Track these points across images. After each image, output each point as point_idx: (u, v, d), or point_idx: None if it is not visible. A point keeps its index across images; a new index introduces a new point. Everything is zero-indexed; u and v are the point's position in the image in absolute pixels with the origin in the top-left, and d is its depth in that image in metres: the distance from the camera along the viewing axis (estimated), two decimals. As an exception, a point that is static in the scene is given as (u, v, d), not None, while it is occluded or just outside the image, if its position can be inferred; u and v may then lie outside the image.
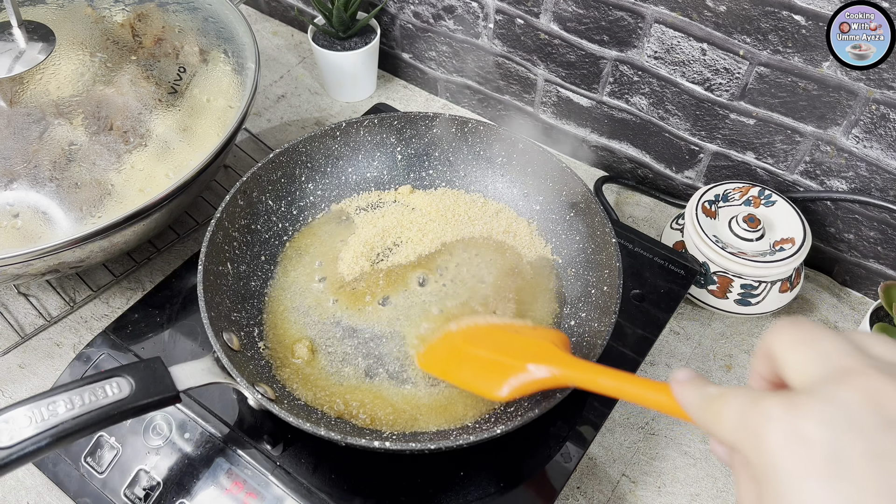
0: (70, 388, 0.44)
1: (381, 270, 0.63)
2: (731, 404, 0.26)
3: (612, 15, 0.68)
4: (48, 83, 0.61)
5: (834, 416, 0.23)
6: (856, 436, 0.22)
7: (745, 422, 0.25)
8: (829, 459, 0.22)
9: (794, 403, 0.24)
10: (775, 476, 0.23)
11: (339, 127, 0.67)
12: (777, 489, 0.23)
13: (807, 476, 0.22)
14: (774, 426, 0.23)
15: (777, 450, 0.23)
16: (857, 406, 0.23)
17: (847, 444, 0.22)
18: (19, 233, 0.56)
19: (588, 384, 0.44)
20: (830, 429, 0.22)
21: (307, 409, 0.54)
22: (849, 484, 0.21)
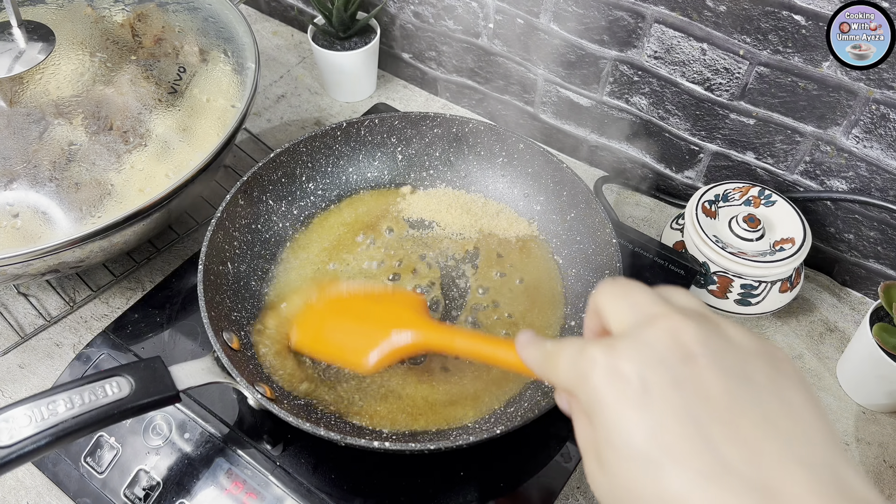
0: (70, 388, 0.44)
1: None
2: (564, 354, 0.30)
3: (612, 15, 0.68)
4: (48, 83, 0.61)
5: (643, 353, 0.26)
6: (661, 369, 0.26)
7: (575, 367, 0.28)
8: (640, 390, 0.26)
9: (612, 346, 0.27)
10: (600, 409, 0.27)
11: (340, 127, 0.67)
12: (603, 420, 0.26)
13: (624, 406, 0.26)
14: (597, 367, 0.27)
15: (600, 386, 0.27)
16: (661, 343, 0.26)
17: (654, 376, 0.26)
18: (19, 233, 0.56)
19: (446, 347, 0.46)
20: (640, 364, 0.26)
21: (307, 409, 0.54)
22: (657, 410, 0.25)
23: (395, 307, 0.52)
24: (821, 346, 0.68)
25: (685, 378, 0.25)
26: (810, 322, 0.69)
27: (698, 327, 0.27)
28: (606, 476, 0.27)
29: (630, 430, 0.25)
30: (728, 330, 0.27)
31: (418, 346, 0.48)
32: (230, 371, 0.49)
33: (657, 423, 0.25)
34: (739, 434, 0.24)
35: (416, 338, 0.48)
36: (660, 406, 0.25)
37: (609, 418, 0.26)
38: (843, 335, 0.68)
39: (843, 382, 0.64)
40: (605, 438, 0.27)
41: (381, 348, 0.48)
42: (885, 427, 0.62)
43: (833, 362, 0.66)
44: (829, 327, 0.69)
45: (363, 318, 0.53)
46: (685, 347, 0.26)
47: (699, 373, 0.25)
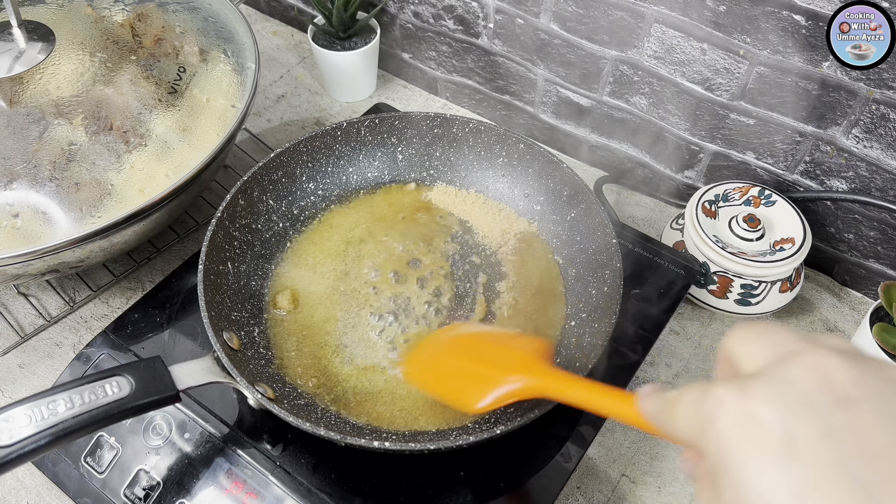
0: (70, 388, 0.44)
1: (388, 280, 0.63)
2: (685, 399, 0.25)
3: (612, 15, 0.68)
4: (48, 83, 0.61)
5: (784, 395, 0.22)
6: (807, 414, 0.21)
7: (698, 411, 0.24)
8: (782, 440, 0.21)
9: (743, 386, 0.23)
10: (729, 462, 0.22)
11: (341, 126, 0.67)
12: (732, 477, 0.22)
13: (761, 458, 0.21)
14: (725, 410, 0.23)
15: (729, 433, 0.22)
16: (806, 383, 0.22)
17: (799, 424, 0.21)
18: (19, 233, 0.56)
19: (562, 396, 0.44)
20: (781, 408, 0.22)
21: (307, 409, 0.54)
22: (804, 464, 0.20)
23: (514, 350, 0.50)
24: (821, 346, 0.67)
25: (841, 426, 0.21)
26: (810, 322, 0.69)
27: (854, 366, 0.22)
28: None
29: (769, 491, 0.21)
30: (891, 371, 0.22)
31: (531, 392, 0.46)
32: (230, 371, 0.49)
33: (805, 482, 0.20)
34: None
35: (529, 384, 0.46)
36: (809, 460, 0.20)
37: (740, 474, 0.22)
38: (843, 335, 0.68)
39: (843, 382, 0.64)
40: (733, 500, 0.22)
41: (494, 392, 0.47)
42: (885, 427, 0.62)
43: (833, 362, 0.66)
44: (829, 327, 0.69)
45: (481, 357, 0.51)
46: (839, 389, 0.21)
47: (860, 420, 0.21)
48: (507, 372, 0.48)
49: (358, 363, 0.57)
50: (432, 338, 0.56)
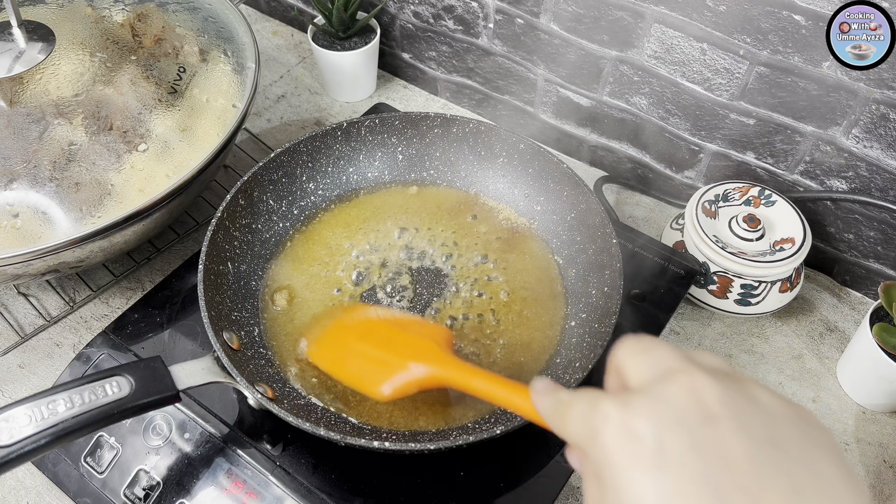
0: (70, 387, 0.44)
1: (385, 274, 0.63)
2: (576, 407, 0.28)
3: (612, 15, 0.68)
4: (48, 83, 0.61)
5: (660, 412, 0.24)
6: (679, 430, 0.24)
7: (586, 422, 0.26)
8: (655, 453, 0.23)
9: (626, 402, 0.25)
10: (611, 471, 0.24)
11: (341, 127, 0.67)
12: (613, 483, 0.24)
13: (637, 469, 0.24)
14: (609, 424, 0.25)
15: (612, 446, 0.25)
16: (680, 401, 0.24)
17: (671, 439, 0.24)
18: (19, 233, 0.56)
19: (462, 385, 0.45)
20: (656, 424, 0.24)
21: (307, 409, 0.54)
22: (673, 476, 0.23)
23: (418, 337, 0.51)
24: (821, 346, 0.68)
25: (705, 441, 0.23)
26: (810, 322, 0.69)
27: (722, 386, 0.25)
28: None
29: (641, 496, 0.23)
30: (755, 391, 0.25)
31: (435, 381, 0.47)
32: (230, 371, 0.49)
33: (672, 489, 0.23)
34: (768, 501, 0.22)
35: (433, 373, 0.47)
36: (676, 471, 0.23)
37: (619, 481, 0.24)
38: (843, 335, 0.68)
39: (843, 382, 0.64)
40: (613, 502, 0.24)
41: (396, 379, 0.48)
42: (885, 427, 0.62)
43: (833, 362, 0.66)
44: (829, 327, 0.69)
45: (384, 344, 0.52)
46: (706, 407, 0.24)
47: (721, 436, 0.23)
48: (410, 358, 0.48)
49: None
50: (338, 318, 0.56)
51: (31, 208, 0.57)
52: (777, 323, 0.69)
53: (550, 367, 0.57)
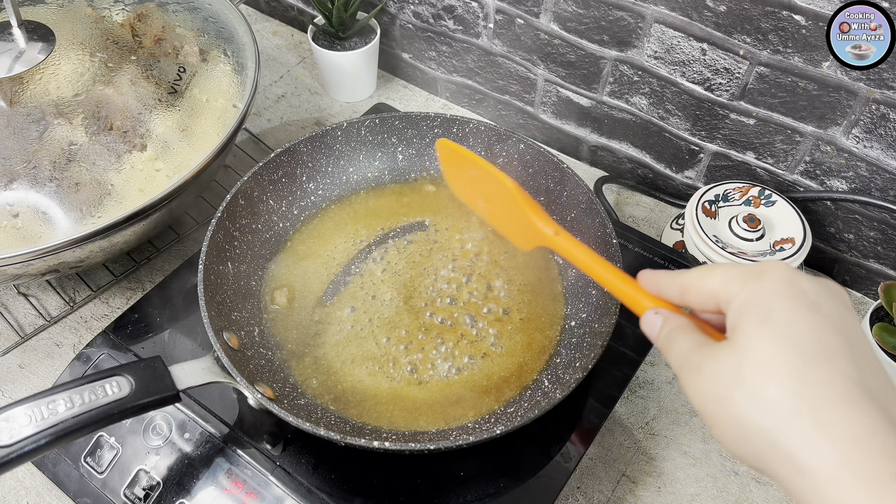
0: (70, 387, 0.44)
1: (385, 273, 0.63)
2: (724, 265, 0.34)
3: (612, 15, 0.68)
4: (48, 83, 0.61)
5: (819, 286, 0.31)
6: (830, 299, 0.31)
7: (746, 271, 0.32)
8: (813, 303, 0.30)
9: (793, 270, 0.32)
10: (769, 298, 0.30)
11: (341, 127, 0.67)
12: (765, 304, 0.30)
13: (797, 304, 0.30)
14: (780, 272, 0.31)
15: (778, 284, 0.31)
16: (832, 287, 0.31)
17: (825, 301, 0.30)
18: (19, 233, 0.56)
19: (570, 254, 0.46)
20: (817, 290, 0.31)
21: (307, 409, 0.54)
22: (823, 318, 0.29)
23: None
24: (821, 346, 0.67)
25: (845, 316, 0.30)
26: (810, 322, 0.69)
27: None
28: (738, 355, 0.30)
29: (797, 321, 0.29)
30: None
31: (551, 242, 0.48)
32: (230, 371, 0.49)
33: (821, 327, 0.29)
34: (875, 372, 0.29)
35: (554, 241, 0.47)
36: (826, 319, 0.29)
37: (779, 305, 0.30)
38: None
39: (843, 382, 0.64)
40: (762, 318, 0.30)
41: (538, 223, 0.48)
42: (885, 427, 0.62)
43: (833, 362, 0.66)
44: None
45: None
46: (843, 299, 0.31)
47: (852, 319, 0.31)
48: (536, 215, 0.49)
49: (358, 363, 0.57)
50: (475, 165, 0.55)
51: (31, 208, 0.57)
52: (777, 323, 0.69)
53: (550, 366, 0.57)
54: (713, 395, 0.30)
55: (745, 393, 0.29)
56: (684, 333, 0.34)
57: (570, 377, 0.53)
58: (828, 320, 0.29)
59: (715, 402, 0.30)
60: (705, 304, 0.34)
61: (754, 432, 0.28)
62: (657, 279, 0.37)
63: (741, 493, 0.58)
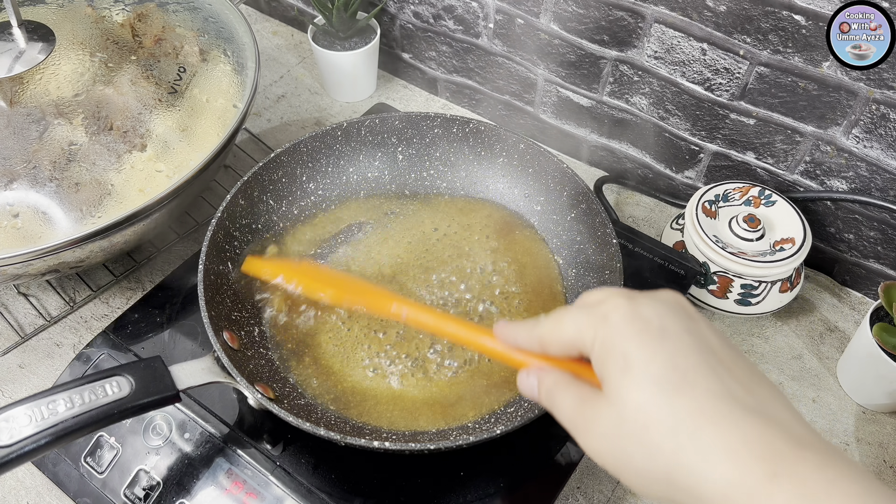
0: (70, 387, 0.44)
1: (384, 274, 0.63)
2: (573, 310, 0.33)
3: (612, 15, 0.68)
4: (48, 83, 0.61)
5: (659, 306, 0.31)
6: (674, 318, 0.31)
7: (591, 315, 0.32)
8: (659, 329, 0.30)
9: (632, 298, 0.32)
10: (619, 343, 0.30)
11: (341, 127, 0.67)
12: (622, 352, 0.30)
13: (646, 339, 0.30)
14: (621, 310, 0.31)
15: (622, 324, 0.31)
16: (672, 302, 0.32)
17: (669, 322, 0.31)
18: (19, 233, 0.56)
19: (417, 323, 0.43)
20: (659, 313, 0.31)
21: (307, 409, 0.54)
22: (674, 344, 0.30)
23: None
24: (821, 346, 0.68)
25: (692, 329, 0.31)
26: (810, 322, 0.69)
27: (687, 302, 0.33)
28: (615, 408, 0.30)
29: (651, 357, 0.29)
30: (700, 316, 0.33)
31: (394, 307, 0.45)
32: (230, 371, 0.49)
33: (674, 353, 0.29)
34: (736, 375, 0.29)
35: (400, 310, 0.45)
36: (675, 342, 0.30)
37: (630, 348, 0.30)
38: (843, 335, 0.68)
39: (843, 382, 0.64)
40: (622, 367, 0.30)
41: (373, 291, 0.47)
42: (885, 427, 0.62)
43: (833, 362, 0.66)
44: (829, 327, 0.69)
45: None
46: (687, 310, 0.32)
47: (701, 328, 0.31)
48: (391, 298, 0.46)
49: (358, 363, 0.57)
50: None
51: (31, 208, 0.57)
52: (777, 323, 0.69)
53: (550, 367, 0.57)
54: (608, 451, 0.31)
55: (633, 444, 0.29)
56: (564, 390, 0.33)
57: (570, 377, 0.52)
58: (678, 343, 0.30)
59: (612, 458, 0.30)
60: (569, 353, 0.34)
61: (655, 477, 0.29)
62: (514, 335, 0.36)
63: (741, 493, 0.58)
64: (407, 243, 0.65)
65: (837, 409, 0.63)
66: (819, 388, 0.65)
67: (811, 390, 0.65)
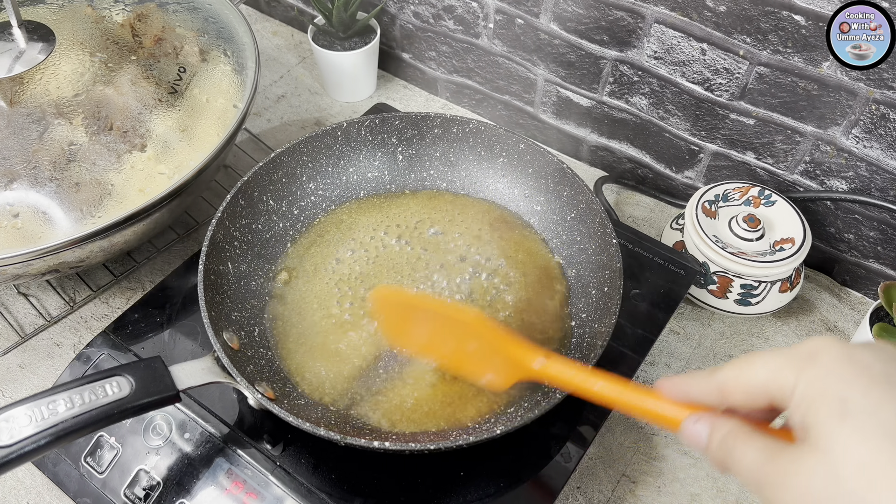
0: (70, 387, 0.44)
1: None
2: (766, 353, 0.30)
3: (612, 15, 0.68)
4: (48, 83, 0.61)
5: (878, 352, 0.28)
6: (893, 363, 0.27)
7: (793, 356, 0.29)
8: (884, 375, 0.27)
9: (842, 342, 0.28)
10: (834, 385, 0.27)
11: (341, 127, 0.67)
12: (834, 394, 0.27)
13: (869, 383, 0.26)
14: (833, 350, 0.28)
15: (838, 364, 0.27)
16: (889, 349, 0.28)
17: (891, 367, 0.27)
18: (19, 233, 0.56)
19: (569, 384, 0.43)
20: (879, 358, 0.27)
21: (307, 409, 0.54)
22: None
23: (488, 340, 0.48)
24: (821, 346, 0.67)
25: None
26: (810, 322, 0.69)
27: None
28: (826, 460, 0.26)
29: (879, 404, 0.26)
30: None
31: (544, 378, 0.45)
32: (230, 371, 0.49)
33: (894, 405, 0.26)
34: None
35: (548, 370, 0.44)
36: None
37: (851, 392, 0.26)
38: (843, 335, 0.68)
39: (843, 382, 0.64)
40: (839, 413, 0.26)
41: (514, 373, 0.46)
42: (885, 427, 0.62)
43: (833, 362, 0.66)
44: (829, 327, 0.69)
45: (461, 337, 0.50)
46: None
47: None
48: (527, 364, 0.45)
49: (358, 363, 0.57)
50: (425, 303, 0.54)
51: (31, 208, 0.57)
52: (777, 323, 0.69)
53: (550, 367, 0.57)
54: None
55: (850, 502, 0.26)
56: (745, 441, 0.30)
57: (570, 377, 0.53)
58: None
59: None
60: (754, 402, 0.30)
61: None
62: (686, 386, 0.33)
63: (741, 493, 0.58)
64: (406, 243, 0.65)
65: (837, 409, 0.63)
66: (819, 388, 0.65)
67: (811, 390, 0.64)
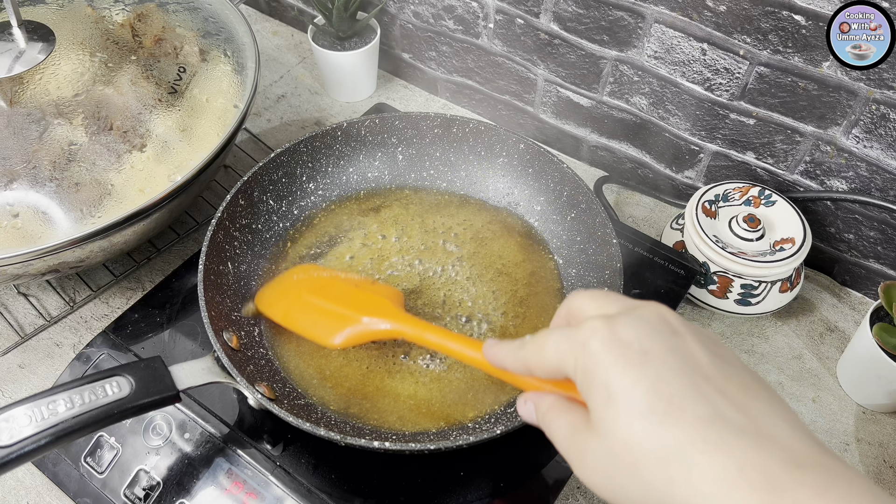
0: (70, 388, 0.44)
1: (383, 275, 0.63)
2: (554, 334, 0.32)
3: (612, 15, 0.68)
4: (48, 83, 0.61)
5: (639, 325, 0.30)
6: (656, 337, 0.29)
7: (570, 340, 0.31)
8: (640, 352, 0.29)
9: (611, 319, 0.30)
10: (601, 371, 0.29)
11: (341, 127, 0.67)
12: (604, 381, 0.29)
13: (627, 365, 0.29)
14: (598, 333, 0.30)
15: (601, 351, 0.29)
16: (653, 319, 0.30)
17: (651, 343, 0.29)
18: (19, 233, 0.56)
19: (416, 338, 0.49)
20: (638, 333, 0.29)
21: (307, 409, 0.54)
22: (656, 368, 0.28)
23: (370, 294, 0.55)
24: (821, 346, 0.68)
25: (677, 346, 0.29)
26: (810, 322, 0.69)
27: (675, 313, 0.32)
28: (603, 441, 0.29)
29: (633, 386, 0.28)
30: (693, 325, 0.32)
31: (389, 334, 0.51)
32: (230, 371, 0.49)
33: (658, 378, 0.28)
34: (728, 393, 0.28)
35: (386, 326, 0.51)
36: (658, 366, 0.28)
37: (611, 377, 0.29)
38: (843, 335, 0.68)
39: (843, 382, 0.64)
40: (604, 399, 0.29)
41: (351, 330, 0.52)
42: (885, 427, 0.62)
43: (833, 362, 0.66)
44: (829, 327, 0.69)
45: (336, 299, 0.55)
46: (672, 325, 0.30)
47: (687, 344, 0.30)
48: (364, 313, 0.52)
49: (358, 363, 0.57)
50: (288, 274, 0.59)
51: (31, 208, 0.57)
52: (777, 323, 0.69)
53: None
54: (603, 485, 0.30)
55: (626, 479, 0.28)
56: (557, 416, 0.33)
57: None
58: (661, 366, 0.28)
59: (608, 492, 0.30)
60: (555, 377, 0.33)
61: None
62: (501, 359, 0.36)
63: (741, 493, 0.58)
64: (406, 243, 0.65)
65: (837, 409, 0.63)
66: (819, 388, 0.65)
67: (811, 390, 0.65)
